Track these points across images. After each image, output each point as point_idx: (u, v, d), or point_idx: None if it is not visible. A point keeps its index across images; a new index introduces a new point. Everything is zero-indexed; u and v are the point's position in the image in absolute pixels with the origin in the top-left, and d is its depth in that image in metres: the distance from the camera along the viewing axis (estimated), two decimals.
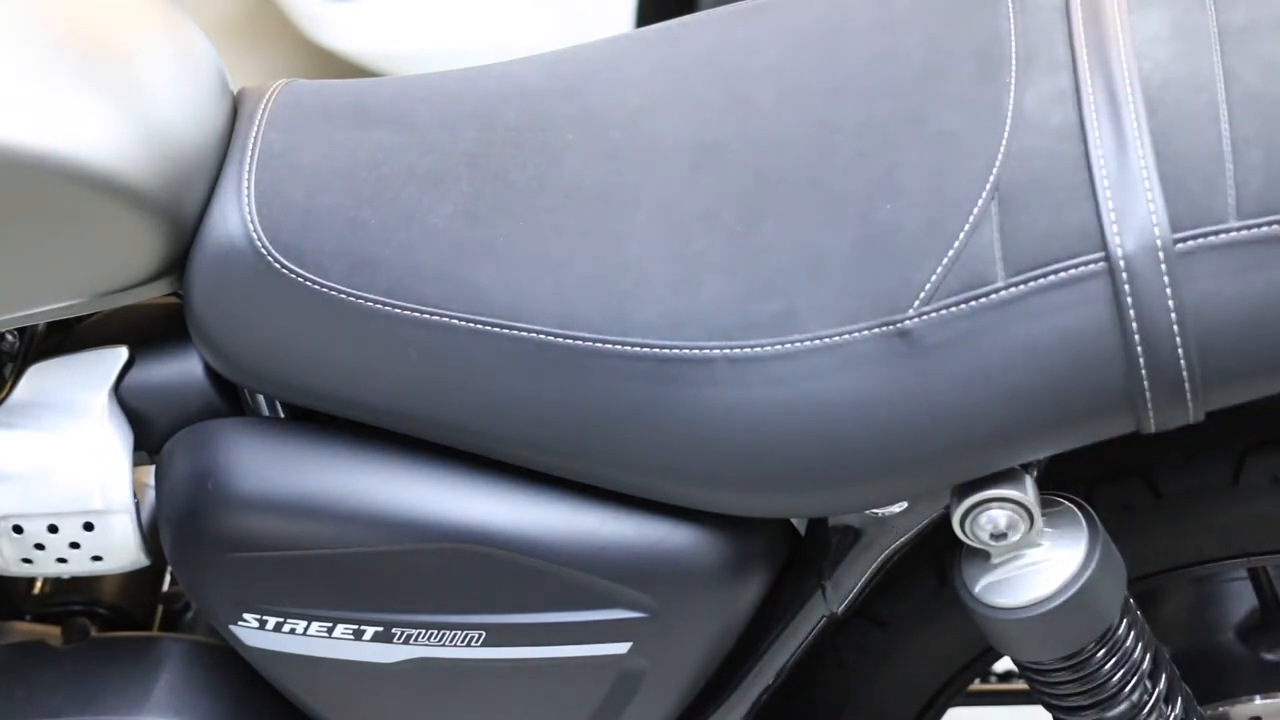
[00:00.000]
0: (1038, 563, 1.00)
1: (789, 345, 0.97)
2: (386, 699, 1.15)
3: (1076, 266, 0.93)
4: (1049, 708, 1.10)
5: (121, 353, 1.12)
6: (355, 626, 1.10)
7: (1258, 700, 1.27)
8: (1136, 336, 0.93)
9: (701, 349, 0.98)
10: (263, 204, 1.06)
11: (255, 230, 1.05)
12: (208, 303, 1.06)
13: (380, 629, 1.10)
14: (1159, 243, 0.92)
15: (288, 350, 1.06)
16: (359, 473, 1.08)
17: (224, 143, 1.09)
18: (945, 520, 1.02)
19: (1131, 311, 0.92)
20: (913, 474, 0.98)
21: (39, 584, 1.27)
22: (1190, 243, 0.92)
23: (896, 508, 1.04)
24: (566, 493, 1.06)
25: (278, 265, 1.05)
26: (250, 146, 1.09)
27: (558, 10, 2.53)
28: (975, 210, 0.95)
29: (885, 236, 0.96)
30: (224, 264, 1.06)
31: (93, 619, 1.24)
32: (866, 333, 0.95)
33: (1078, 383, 0.94)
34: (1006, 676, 1.49)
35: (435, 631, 1.09)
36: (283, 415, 1.12)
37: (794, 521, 1.12)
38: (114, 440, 1.10)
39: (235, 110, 1.12)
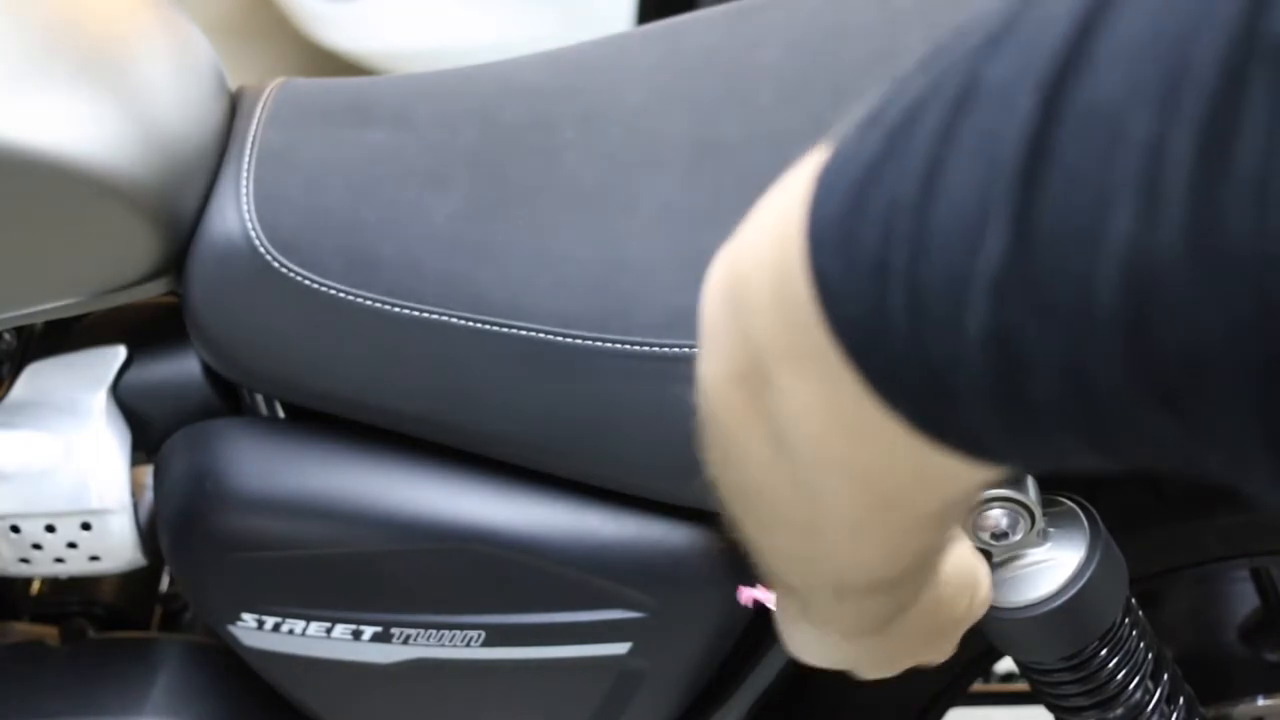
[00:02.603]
0: (1039, 563, 1.00)
1: None
2: (385, 700, 1.14)
3: None
4: (1050, 708, 1.09)
5: (119, 352, 1.12)
6: (354, 627, 1.10)
7: (1260, 700, 1.27)
8: None
9: None
10: (261, 203, 1.06)
11: (254, 229, 1.05)
12: (206, 302, 1.06)
13: (379, 629, 1.09)
14: None
15: (286, 350, 1.06)
16: (358, 473, 1.07)
17: (222, 141, 1.09)
18: None
19: None
20: None
21: (36, 584, 1.27)
22: None
23: None
24: (566, 493, 1.05)
25: (276, 264, 1.04)
26: (249, 145, 1.08)
27: (557, 9, 2.52)
28: None
29: None
30: (222, 263, 1.05)
31: (90, 619, 1.24)
32: None
33: None
34: (1008, 677, 1.48)
35: (434, 632, 1.09)
36: (281, 415, 1.12)
37: None
38: (112, 440, 1.10)
39: (234, 109, 1.12)
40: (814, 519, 0.64)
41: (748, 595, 0.98)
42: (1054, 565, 1.00)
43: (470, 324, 1.02)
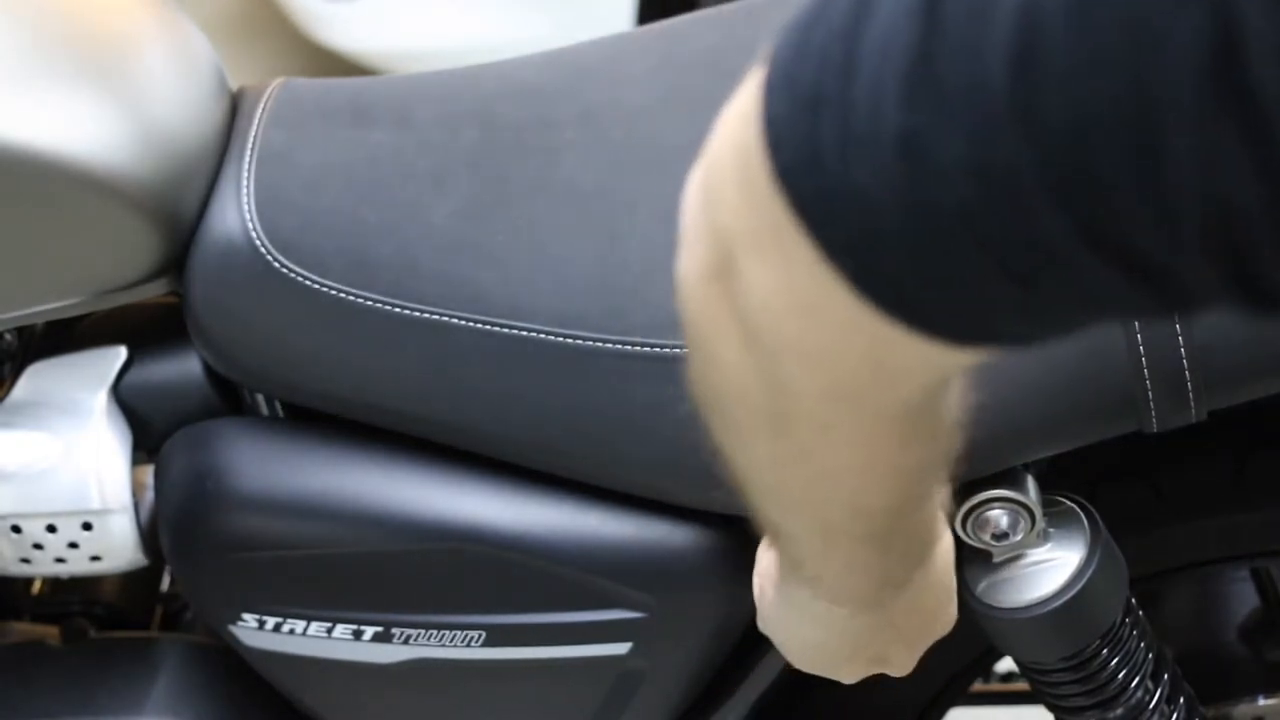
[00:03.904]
0: (1039, 563, 1.00)
1: None
2: (386, 700, 1.14)
3: None
4: (1051, 708, 1.09)
5: (120, 352, 1.12)
6: (355, 627, 1.09)
7: (1260, 700, 1.27)
8: (1139, 336, 0.92)
9: None
10: (262, 203, 1.06)
11: (254, 229, 1.05)
12: (207, 302, 1.06)
13: (380, 629, 1.09)
14: None
15: (287, 349, 1.06)
16: (358, 473, 1.07)
17: (223, 141, 1.09)
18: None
19: None
20: None
21: (37, 584, 1.27)
22: None
23: None
24: (566, 493, 1.05)
25: (277, 264, 1.04)
26: (249, 145, 1.08)
27: (557, 9, 2.52)
28: None
29: None
30: (223, 263, 1.05)
31: (91, 619, 1.23)
32: None
33: (1080, 383, 0.93)
34: (1008, 677, 1.48)
35: (435, 632, 1.09)
36: (282, 415, 1.12)
37: None
38: (113, 440, 1.10)
39: (234, 109, 1.12)
40: (783, 414, 0.65)
41: None
42: (1054, 565, 0.99)
43: (470, 324, 1.02)
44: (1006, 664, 1.30)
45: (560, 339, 1.01)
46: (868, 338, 0.58)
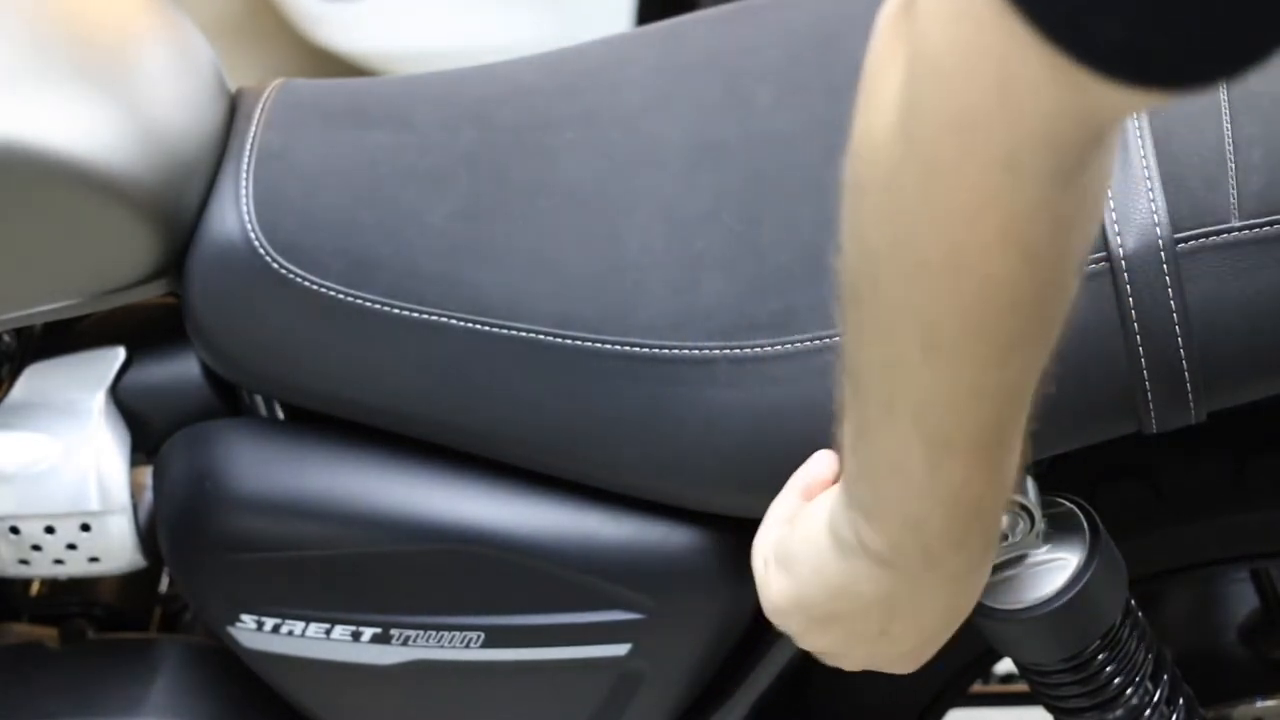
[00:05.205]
0: (1039, 564, 1.00)
1: (789, 345, 0.97)
2: (385, 701, 1.14)
3: None
4: (1050, 709, 1.09)
5: (119, 353, 1.12)
6: (353, 628, 1.09)
7: (1259, 702, 1.27)
8: (1138, 337, 0.92)
9: (701, 349, 0.98)
10: (261, 204, 1.06)
11: (253, 230, 1.05)
12: (205, 303, 1.06)
13: (378, 630, 1.09)
14: (1160, 242, 0.91)
15: (286, 350, 1.06)
16: (357, 473, 1.07)
17: (221, 142, 1.09)
18: None
19: (1133, 311, 0.92)
20: None
21: (36, 585, 1.27)
22: (1192, 242, 0.91)
23: None
24: (566, 493, 1.05)
25: (276, 265, 1.04)
26: (248, 146, 1.08)
27: (557, 10, 2.52)
28: None
29: None
30: (222, 264, 1.05)
31: (90, 621, 1.23)
32: None
33: (1079, 383, 0.93)
34: (1008, 678, 1.48)
35: (434, 633, 1.09)
36: (281, 416, 1.12)
37: None
38: (111, 441, 1.10)
39: (233, 110, 1.12)
40: (901, 158, 0.66)
41: None
42: (1053, 567, 0.99)
43: (469, 325, 1.02)
44: (1006, 665, 1.30)
45: (560, 339, 1.01)
46: (1004, 49, 0.60)
